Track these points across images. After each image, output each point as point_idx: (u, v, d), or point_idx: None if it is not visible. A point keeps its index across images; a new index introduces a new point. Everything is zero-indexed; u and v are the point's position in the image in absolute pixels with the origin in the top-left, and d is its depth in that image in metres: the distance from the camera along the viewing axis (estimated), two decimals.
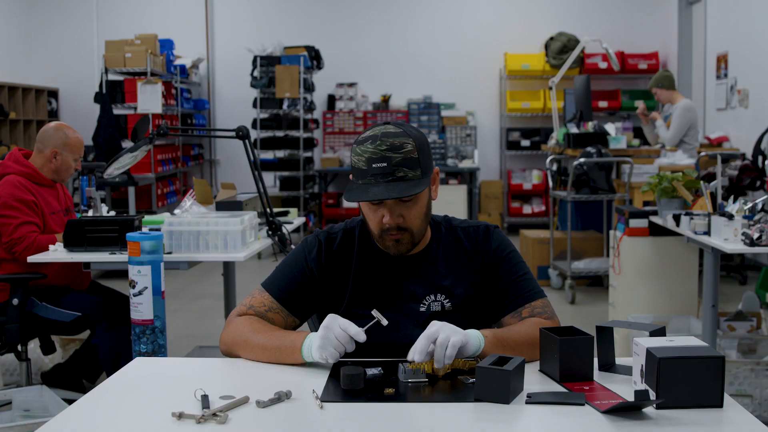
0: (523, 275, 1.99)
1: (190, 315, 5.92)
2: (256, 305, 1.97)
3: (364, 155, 1.85)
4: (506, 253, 2.01)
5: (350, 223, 2.07)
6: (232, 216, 3.48)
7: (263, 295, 1.99)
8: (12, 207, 3.55)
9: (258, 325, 1.91)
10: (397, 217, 1.89)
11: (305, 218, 7.88)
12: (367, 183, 1.85)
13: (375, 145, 1.84)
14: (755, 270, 7.03)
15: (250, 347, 1.87)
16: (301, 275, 1.99)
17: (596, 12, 10.02)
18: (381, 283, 1.98)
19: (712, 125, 8.31)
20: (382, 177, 1.84)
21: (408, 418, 1.54)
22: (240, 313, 1.97)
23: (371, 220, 1.93)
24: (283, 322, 1.97)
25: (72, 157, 3.79)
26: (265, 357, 1.85)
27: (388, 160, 1.83)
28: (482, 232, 2.03)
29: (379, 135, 1.86)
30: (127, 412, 1.58)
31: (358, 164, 1.86)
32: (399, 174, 1.84)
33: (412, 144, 1.86)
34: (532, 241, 6.77)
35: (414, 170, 1.85)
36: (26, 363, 3.72)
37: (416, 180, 1.85)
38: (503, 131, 10.14)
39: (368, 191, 1.84)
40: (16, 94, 9.02)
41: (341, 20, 10.19)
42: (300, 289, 1.99)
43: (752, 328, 4.22)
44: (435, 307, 1.97)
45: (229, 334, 1.93)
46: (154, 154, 8.23)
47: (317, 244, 2.02)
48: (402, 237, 1.92)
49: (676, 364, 1.51)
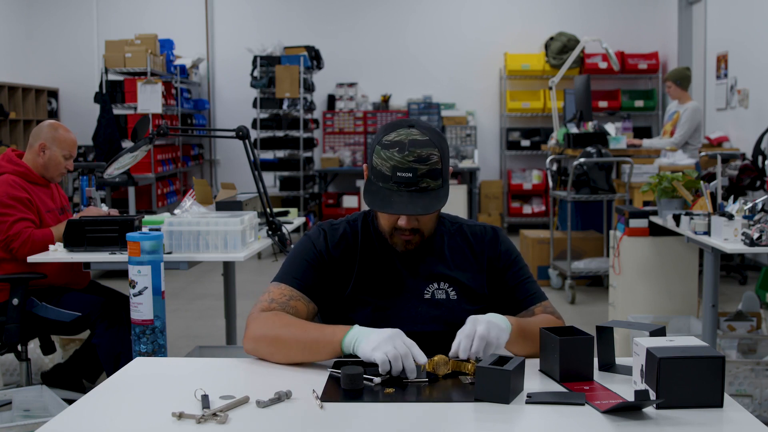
0: (530, 278, 2.05)
1: (190, 315, 5.92)
2: (276, 298, 1.92)
3: (389, 162, 1.84)
4: (514, 256, 2.05)
5: (351, 217, 2.09)
6: (232, 216, 3.48)
7: (280, 288, 1.95)
8: (7, 205, 3.55)
9: (288, 319, 1.86)
10: (413, 221, 1.91)
11: (305, 218, 7.87)
12: (389, 189, 1.85)
13: (402, 155, 1.83)
14: (755, 270, 7.03)
15: (282, 342, 1.81)
16: (313, 260, 1.98)
17: (596, 12, 10.02)
18: (385, 271, 2.00)
19: (712, 125, 8.31)
20: (405, 186, 1.83)
21: (408, 418, 1.54)
22: (263, 309, 1.90)
23: (384, 219, 1.95)
24: (305, 309, 1.93)
25: (61, 153, 3.76)
26: (298, 351, 1.80)
27: (414, 171, 1.83)
28: (489, 234, 2.06)
29: (406, 144, 1.83)
30: (127, 412, 1.58)
31: (381, 168, 1.85)
32: (422, 185, 1.84)
33: (437, 155, 1.85)
34: (532, 241, 6.77)
35: (436, 180, 1.86)
36: (26, 363, 3.72)
37: (437, 190, 1.86)
38: (503, 131, 10.14)
39: (391, 201, 1.84)
40: (16, 94, 9.02)
41: (341, 20, 10.19)
42: (314, 273, 1.97)
43: (752, 328, 4.22)
44: (439, 295, 1.98)
45: (257, 329, 1.86)
46: (154, 154, 8.23)
47: (321, 233, 2.03)
48: (413, 237, 1.95)
49: (676, 364, 1.51)
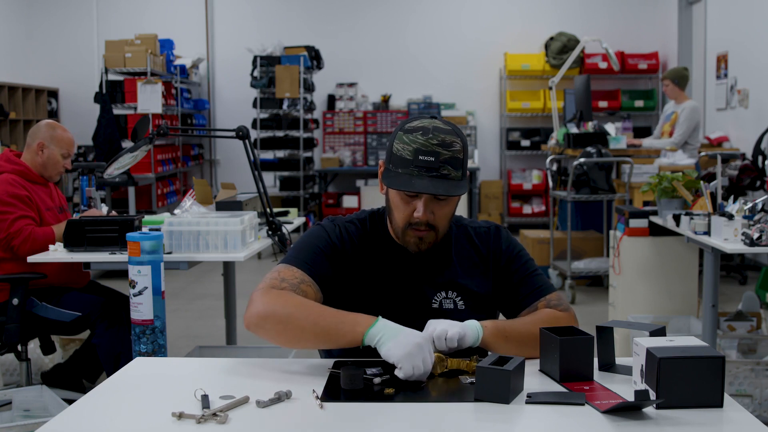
0: (534, 271, 2.00)
1: (190, 315, 5.92)
2: (288, 278, 1.83)
3: (412, 145, 1.82)
4: (517, 251, 2.02)
5: (360, 215, 2.04)
6: (232, 216, 3.48)
7: (291, 270, 1.86)
8: (7, 203, 3.56)
9: (302, 300, 1.78)
10: (429, 213, 1.87)
11: (305, 218, 7.87)
12: (409, 174, 1.82)
13: (426, 138, 1.81)
14: (755, 270, 7.03)
15: (294, 323, 1.74)
16: (326, 248, 1.92)
17: (596, 12, 10.02)
18: (393, 278, 1.96)
19: (712, 125, 8.31)
20: (426, 171, 1.81)
21: (408, 418, 1.53)
22: (273, 287, 1.81)
23: (400, 212, 1.89)
24: (314, 296, 1.85)
25: (59, 152, 3.78)
26: (312, 336, 1.74)
27: (436, 156, 1.81)
28: (493, 233, 2.04)
29: (430, 128, 1.83)
30: (127, 412, 1.58)
31: (402, 152, 1.83)
32: (443, 171, 1.82)
33: (460, 144, 1.85)
34: (532, 241, 6.77)
35: (457, 170, 1.84)
36: (26, 363, 3.72)
37: (457, 180, 1.84)
38: (503, 131, 10.14)
39: (412, 182, 1.81)
40: (16, 94, 9.02)
41: (341, 20, 10.18)
42: (326, 262, 1.91)
43: (752, 328, 4.22)
44: (447, 305, 1.95)
45: (266, 305, 1.76)
46: (154, 154, 8.23)
47: (336, 226, 1.98)
48: (427, 235, 1.90)
49: (676, 364, 1.51)
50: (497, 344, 1.80)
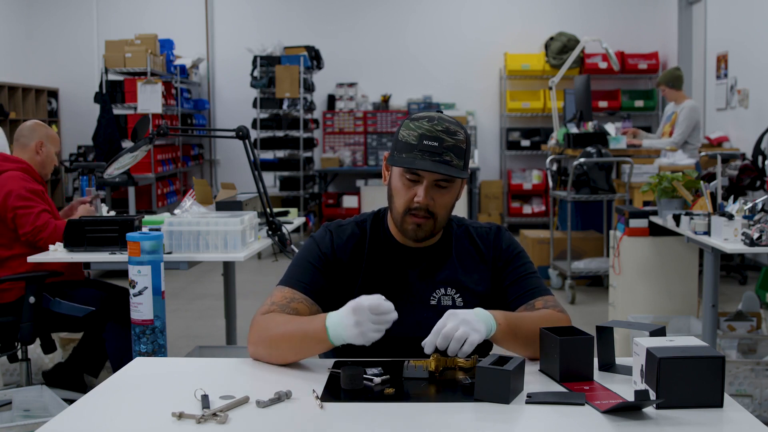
0: (533, 273, 2.03)
1: (190, 315, 5.92)
2: (277, 301, 1.91)
3: (418, 130, 1.88)
4: (516, 252, 2.04)
5: (360, 217, 2.08)
6: (232, 216, 3.48)
7: (283, 291, 1.93)
8: (27, 198, 3.60)
9: (280, 318, 1.85)
10: (430, 198, 1.90)
11: (305, 218, 7.88)
12: (413, 158, 1.87)
13: (432, 124, 1.88)
14: (755, 270, 7.03)
15: (274, 342, 1.80)
16: (317, 262, 1.97)
17: (596, 12, 10.02)
18: (392, 274, 1.99)
19: (712, 125, 8.31)
20: (429, 155, 1.86)
21: (408, 418, 1.53)
22: (263, 313, 1.89)
23: (401, 197, 1.93)
24: (308, 311, 1.90)
25: (54, 151, 3.86)
26: (292, 350, 1.80)
27: (440, 141, 1.87)
28: (494, 233, 2.06)
29: (436, 117, 1.90)
30: (127, 412, 1.58)
31: (407, 138, 1.89)
32: (446, 157, 1.87)
33: (463, 135, 1.91)
34: (532, 241, 6.77)
35: (459, 159, 1.89)
36: (26, 363, 3.72)
37: (459, 169, 1.89)
38: (503, 131, 10.14)
39: (415, 163, 1.87)
40: (16, 94, 9.02)
41: (341, 20, 10.19)
42: (319, 276, 1.96)
43: (752, 328, 4.22)
44: (445, 301, 1.97)
45: (253, 334, 1.85)
46: (154, 154, 8.23)
47: (328, 233, 2.02)
48: (425, 223, 1.93)
49: (676, 364, 1.51)
50: (507, 340, 1.83)
